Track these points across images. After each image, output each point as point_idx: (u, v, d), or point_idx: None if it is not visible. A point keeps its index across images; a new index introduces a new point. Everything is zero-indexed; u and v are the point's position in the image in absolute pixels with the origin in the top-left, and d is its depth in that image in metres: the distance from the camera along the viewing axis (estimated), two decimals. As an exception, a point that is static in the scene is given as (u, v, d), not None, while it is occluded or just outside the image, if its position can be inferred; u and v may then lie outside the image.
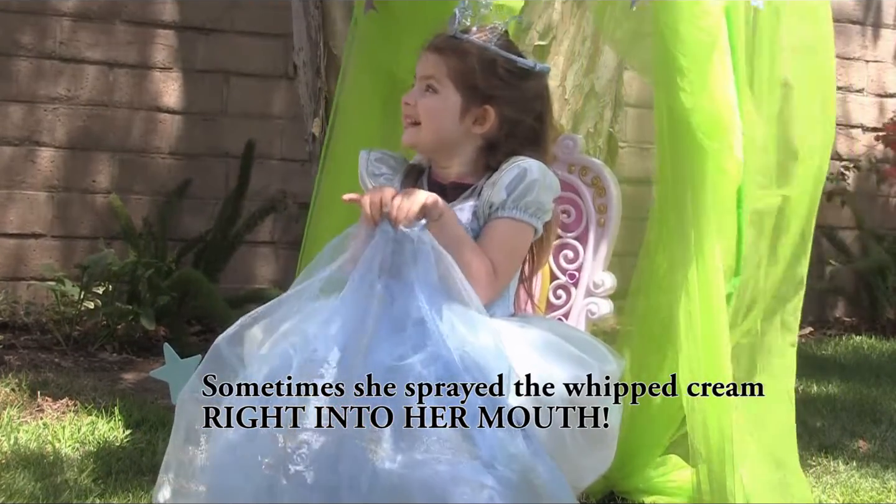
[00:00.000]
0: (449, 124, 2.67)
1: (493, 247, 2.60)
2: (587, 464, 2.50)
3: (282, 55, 5.55)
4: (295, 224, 5.59)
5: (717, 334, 2.73)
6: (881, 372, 5.31)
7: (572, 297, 2.90)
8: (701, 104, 2.71)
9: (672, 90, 2.72)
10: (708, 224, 2.73)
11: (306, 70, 3.82)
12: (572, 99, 3.33)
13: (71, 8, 5.38)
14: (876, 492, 3.59)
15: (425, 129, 2.68)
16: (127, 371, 4.74)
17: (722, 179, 2.75)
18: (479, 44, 2.67)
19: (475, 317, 2.42)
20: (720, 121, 2.72)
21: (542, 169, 2.64)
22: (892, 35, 6.99)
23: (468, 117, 2.67)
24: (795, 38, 2.98)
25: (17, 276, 5.33)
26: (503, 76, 2.68)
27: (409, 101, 2.69)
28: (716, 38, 2.72)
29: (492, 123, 2.67)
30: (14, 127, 5.31)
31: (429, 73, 2.68)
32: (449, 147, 2.69)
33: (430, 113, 2.67)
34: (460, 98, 2.66)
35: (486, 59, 2.67)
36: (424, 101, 2.67)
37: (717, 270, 2.73)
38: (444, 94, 2.66)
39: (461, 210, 2.64)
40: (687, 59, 2.69)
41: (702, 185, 2.74)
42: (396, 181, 2.74)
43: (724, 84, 2.74)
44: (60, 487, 3.27)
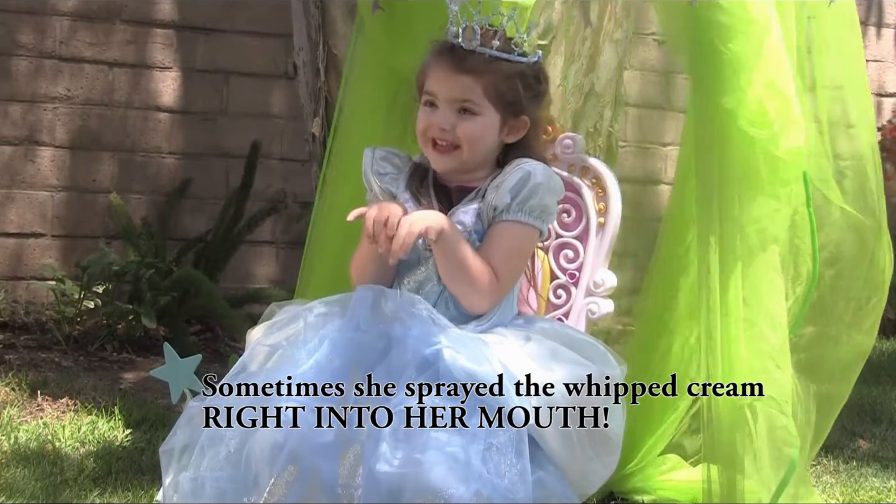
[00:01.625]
0: (489, 145, 2.66)
1: (496, 251, 2.60)
2: (594, 468, 2.50)
3: (282, 55, 5.55)
4: (295, 224, 5.59)
5: (737, 336, 2.74)
6: (881, 372, 5.31)
7: (572, 296, 2.90)
8: (751, 95, 2.73)
9: (717, 83, 2.74)
10: (752, 212, 2.75)
11: (306, 70, 3.81)
12: (572, 99, 3.33)
13: (70, 7, 5.38)
14: (876, 492, 3.60)
15: (468, 152, 2.64)
16: (127, 371, 4.74)
17: (774, 166, 2.78)
18: (508, 59, 2.62)
19: (477, 349, 2.43)
20: (769, 111, 2.75)
21: (547, 172, 2.63)
22: (891, 35, 6.99)
23: (505, 130, 2.67)
24: (841, 44, 3.02)
25: (17, 276, 5.32)
26: (532, 84, 2.66)
27: (446, 126, 2.62)
28: (766, 28, 2.74)
29: (527, 127, 2.68)
30: (14, 126, 5.31)
31: (464, 97, 2.62)
32: (482, 161, 2.69)
33: (474, 137, 2.63)
34: (499, 116, 2.64)
35: (516, 73, 2.63)
36: (465, 125, 2.62)
37: (749, 265, 2.76)
38: (482, 115, 2.62)
39: (465, 213, 2.63)
40: (737, 48, 2.71)
41: (750, 172, 2.76)
42: (401, 180, 2.72)
43: (778, 75, 2.76)
44: (60, 487, 3.27)
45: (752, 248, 2.79)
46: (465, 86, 2.61)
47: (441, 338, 2.42)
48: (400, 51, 3.07)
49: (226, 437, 2.39)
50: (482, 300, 2.57)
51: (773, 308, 2.81)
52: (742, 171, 2.79)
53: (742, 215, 2.78)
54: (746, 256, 2.79)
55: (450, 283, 2.57)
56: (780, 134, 2.77)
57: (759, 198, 2.79)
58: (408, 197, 2.68)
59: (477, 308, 2.58)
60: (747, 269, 2.79)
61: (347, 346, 2.44)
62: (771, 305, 2.80)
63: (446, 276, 2.56)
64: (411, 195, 2.68)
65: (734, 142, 2.78)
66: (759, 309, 2.79)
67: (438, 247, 2.53)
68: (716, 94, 2.79)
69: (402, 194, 2.69)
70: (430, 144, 2.66)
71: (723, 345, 2.77)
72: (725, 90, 2.77)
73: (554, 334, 2.60)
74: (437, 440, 2.32)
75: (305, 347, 2.46)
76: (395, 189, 2.71)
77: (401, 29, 3.09)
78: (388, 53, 3.12)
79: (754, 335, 2.77)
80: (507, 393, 2.39)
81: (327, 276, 3.11)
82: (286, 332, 2.55)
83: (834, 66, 3.01)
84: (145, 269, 5.00)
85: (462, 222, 2.62)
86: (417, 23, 3.01)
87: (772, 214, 2.82)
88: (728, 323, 2.76)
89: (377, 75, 3.16)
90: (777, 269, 2.82)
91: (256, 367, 2.51)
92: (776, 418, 2.78)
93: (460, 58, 2.62)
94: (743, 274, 2.78)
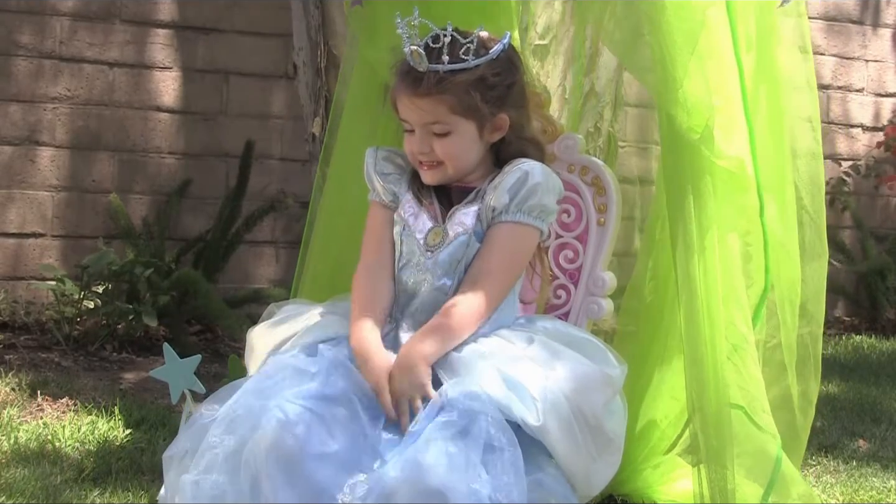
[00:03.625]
0: (474, 152, 2.67)
1: (496, 252, 2.60)
2: (597, 468, 2.50)
3: (282, 55, 5.55)
4: (295, 224, 5.59)
5: (718, 334, 2.73)
6: (881, 372, 5.31)
7: (572, 296, 2.90)
8: (685, 96, 2.70)
9: (662, 84, 2.72)
10: (708, 220, 2.72)
11: (306, 70, 3.82)
12: (572, 99, 3.33)
13: (70, 7, 5.38)
14: (876, 492, 3.59)
15: (453, 167, 2.66)
16: (127, 371, 4.74)
17: (721, 177, 2.75)
18: (462, 68, 2.59)
19: (472, 380, 2.44)
20: (702, 114, 2.71)
21: (545, 171, 2.64)
22: (890, 35, 6.99)
23: (486, 133, 2.66)
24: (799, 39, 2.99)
25: (17, 276, 5.32)
26: (495, 83, 2.64)
27: (425, 150, 2.63)
28: (699, 27, 2.71)
29: (507, 124, 2.67)
30: (14, 127, 5.31)
31: (432, 120, 2.62)
32: (474, 166, 2.69)
33: (454, 153, 2.64)
34: (474, 124, 2.64)
35: (472, 80, 2.60)
36: (441, 144, 2.63)
37: (724, 267, 2.73)
38: (458, 131, 2.63)
39: (465, 214, 2.64)
40: (671, 50, 2.69)
41: (699, 182, 2.73)
42: (404, 181, 2.73)
43: (710, 77, 2.72)
44: (60, 487, 3.27)
45: (712, 248, 2.76)
46: (429, 109, 2.61)
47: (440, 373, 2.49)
48: (375, 46, 3.05)
49: (225, 440, 2.40)
50: (479, 322, 2.58)
51: (745, 309, 2.81)
52: (690, 173, 2.76)
53: (702, 216, 2.75)
54: (711, 256, 2.76)
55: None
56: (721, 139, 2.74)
57: (710, 201, 2.76)
58: (410, 197, 2.70)
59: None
60: (720, 269, 2.78)
61: (350, 372, 2.49)
62: (743, 305, 2.80)
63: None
64: (413, 196, 2.70)
65: (677, 142, 2.76)
66: (735, 308, 2.79)
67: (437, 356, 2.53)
68: (661, 91, 2.76)
69: (404, 195, 2.71)
70: (418, 164, 2.69)
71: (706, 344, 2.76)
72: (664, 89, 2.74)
73: (556, 333, 2.60)
74: (437, 442, 2.32)
75: (310, 368, 2.49)
76: (398, 189, 2.72)
77: (377, 25, 3.05)
78: (368, 50, 3.09)
79: (730, 334, 2.77)
80: (508, 404, 2.39)
81: (326, 277, 3.11)
82: (293, 328, 2.61)
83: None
84: (145, 268, 5.00)
85: (462, 224, 2.63)
86: (385, 17, 2.95)
87: (729, 217, 2.79)
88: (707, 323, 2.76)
89: (366, 72, 3.13)
90: (740, 270, 2.81)
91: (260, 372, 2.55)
92: (759, 417, 2.78)
93: (416, 81, 2.60)
94: (717, 273, 2.78)
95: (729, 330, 2.75)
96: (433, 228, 2.65)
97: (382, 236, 2.70)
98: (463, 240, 2.62)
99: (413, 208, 2.68)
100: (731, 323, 2.76)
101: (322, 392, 2.41)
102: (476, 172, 2.70)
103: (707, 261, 2.73)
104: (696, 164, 2.73)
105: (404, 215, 2.69)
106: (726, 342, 2.73)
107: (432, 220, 2.67)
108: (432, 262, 2.62)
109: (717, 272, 2.73)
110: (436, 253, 2.63)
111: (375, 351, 2.52)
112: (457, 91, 2.59)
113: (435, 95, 2.59)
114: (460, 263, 2.61)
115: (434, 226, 2.66)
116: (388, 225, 2.71)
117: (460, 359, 2.50)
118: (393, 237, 2.69)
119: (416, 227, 2.66)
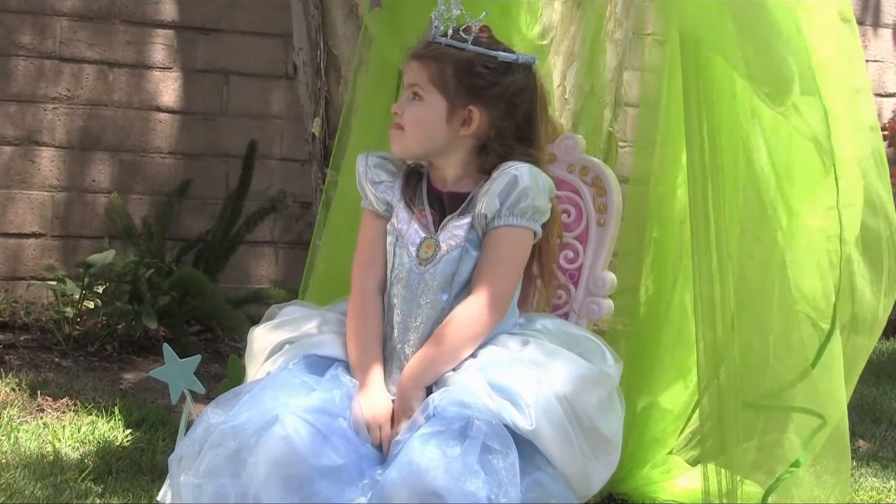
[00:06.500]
0: (435, 130, 2.65)
1: (497, 261, 2.60)
2: (595, 468, 2.50)
3: (282, 55, 5.55)
4: (295, 224, 5.59)
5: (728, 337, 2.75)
6: (881, 372, 5.31)
7: (572, 296, 2.90)
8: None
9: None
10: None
11: (306, 70, 3.81)
12: (572, 99, 3.32)
13: (70, 8, 5.38)
14: (876, 492, 3.60)
15: (408, 136, 2.66)
16: (127, 371, 4.74)
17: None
18: (454, 45, 2.64)
19: (465, 389, 2.45)
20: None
21: (533, 173, 2.61)
22: (890, 35, 6.99)
23: (454, 120, 2.65)
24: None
25: (17, 276, 5.33)
26: (482, 74, 2.64)
27: (397, 110, 2.68)
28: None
29: (479, 123, 2.65)
30: (14, 127, 5.31)
31: (413, 81, 2.66)
32: (439, 152, 2.68)
33: (414, 121, 2.65)
34: (445, 102, 2.64)
35: (462, 60, 2.64)
36: (410, 108, 2.66)
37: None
38: (427, 101, 2.65)
39: (458, 227, 2.62)
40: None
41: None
42: (396, 187, 2.72)
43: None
44: (60, 487, 3.27)
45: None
46: (415, 71, 2.67)
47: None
48: (394, 48, 3.06)
49: (225, 441, 2.40)
50: (486, 333, 2.58)
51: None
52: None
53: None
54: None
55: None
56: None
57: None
58: (402, 206, 2.69)
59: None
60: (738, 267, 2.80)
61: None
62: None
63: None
64: (405, 205, 2.69)
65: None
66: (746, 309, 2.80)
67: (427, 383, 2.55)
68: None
69: (397, 203, 2.70)
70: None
71: (716, 342, 2.78)
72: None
73: (554, 331, 2.61)
74: (435, 444, 2.33)
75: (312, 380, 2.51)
76: (390, 198, 2.70)
77: (400, 27, 3.07)
78: (389, 52, 3.10)
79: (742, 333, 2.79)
80: (499, 409, 2.40)
81: (335, 279, 3.09)
82: (293, 331, 2.63)
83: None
84: (145, 269, 5.00)
85: (455, 237, 2.62)
86: (415, 20, 2.98)
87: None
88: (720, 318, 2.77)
89: (382, 75, 3.15)
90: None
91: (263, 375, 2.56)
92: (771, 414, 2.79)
93: (418, 46, 2.69)
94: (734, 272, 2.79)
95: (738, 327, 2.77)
96: (425, 240, 2.64)
97: (374, 253, 2.69)
98: (455, 255, 2.61)
99: (405, 216, 2.67)
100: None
101: (325, 408, 2.43)
102: (460, 170, 2.67)
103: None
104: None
105: (397, 225, 2.67)
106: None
107: (424, 229, 2.65)
108: (429, 276, 2.61)
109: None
110: (428, 267, 2.62)
111: (376, 392, 2.53)
112: (441, 63, 2.64)
113: (425, 60, 2.65)
114: (455, 277, 2.61)
115: (426, 236, 2.64)
116: (381, 236, 2.69)
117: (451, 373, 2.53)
118: (386, 248, 2.69)
119: (408, 239, 2.65)
